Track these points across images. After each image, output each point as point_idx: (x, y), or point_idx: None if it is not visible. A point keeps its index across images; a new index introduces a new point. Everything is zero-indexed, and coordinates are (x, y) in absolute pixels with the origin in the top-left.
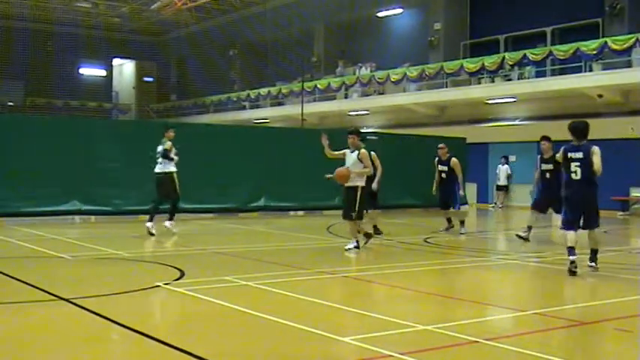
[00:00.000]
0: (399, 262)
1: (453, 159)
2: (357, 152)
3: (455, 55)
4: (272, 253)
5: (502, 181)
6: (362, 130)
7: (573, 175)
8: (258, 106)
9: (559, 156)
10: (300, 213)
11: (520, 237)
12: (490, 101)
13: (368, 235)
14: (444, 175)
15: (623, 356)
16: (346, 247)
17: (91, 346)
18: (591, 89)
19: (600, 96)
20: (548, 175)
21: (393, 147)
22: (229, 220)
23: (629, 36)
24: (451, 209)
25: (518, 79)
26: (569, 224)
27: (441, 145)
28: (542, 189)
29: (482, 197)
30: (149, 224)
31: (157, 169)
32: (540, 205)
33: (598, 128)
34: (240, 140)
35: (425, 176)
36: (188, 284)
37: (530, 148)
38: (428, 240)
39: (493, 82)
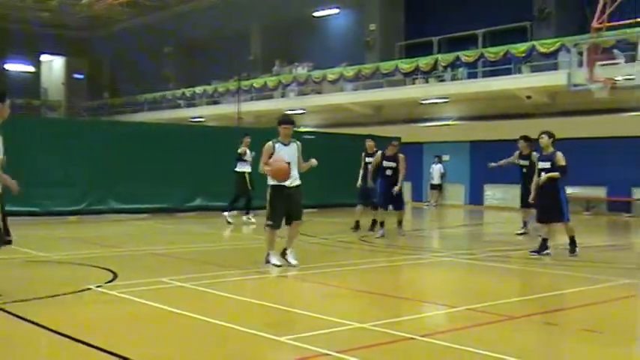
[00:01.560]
0: (335, 260)
1: (401, 155)
2: (295, 145)
3: (390, 55)
4: (209, 253)
5: (436, 180)
6: (300, 130)
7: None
8: (193, 105)
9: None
10: (236, 212)
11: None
12: (424, 101)
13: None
14: (389, 172)
15: (550, 349)
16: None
17: (17, 353)
18: (520, 90)
19: (529, 97)
20: (524, 170)
21: (330, 146)
22: (165, 220)
23: (556, 40)
24: (390, 208)
25: (452, 79)
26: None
27: (394, 143)
28: (521, 185)
29: (417, 196)
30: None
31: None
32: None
33: (526, 128)
34: (175, 139)
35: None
36: (121, 286)
37: (463, 147)
38: (364, 239)
39: (427, 82)
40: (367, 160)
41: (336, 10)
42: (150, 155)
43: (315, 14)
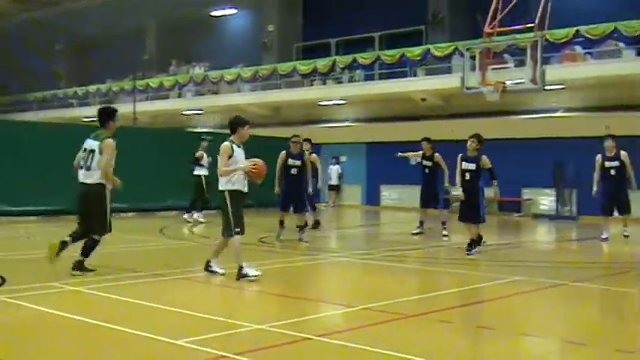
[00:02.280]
0: (233, 262)
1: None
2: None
3: (288, 57)
4: (102, 256)
5: (334, 181)
6: (197, 130)
7: (466, 176)
8: (87, 104)
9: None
10: (131, 214)
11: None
12: (322, 103)
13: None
14: (294, 170)
15: (444, 346)
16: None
17: None
18: (415, 93)
19: (424, 99)
20: (427, 171)
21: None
22: (55, 223)
23: (450, 44)
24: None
25: (349, 81)
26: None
27: (294, 140)
28: (422, 185)
29: (315, 197)
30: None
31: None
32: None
33: (421, 130)
34: (66, 139)
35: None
36: (10, 291)
37: (360, 148)
38: (263, 240)
39: (325, 84)
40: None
41: (233, 11)
42: (38, 156)
43: (213, 14)
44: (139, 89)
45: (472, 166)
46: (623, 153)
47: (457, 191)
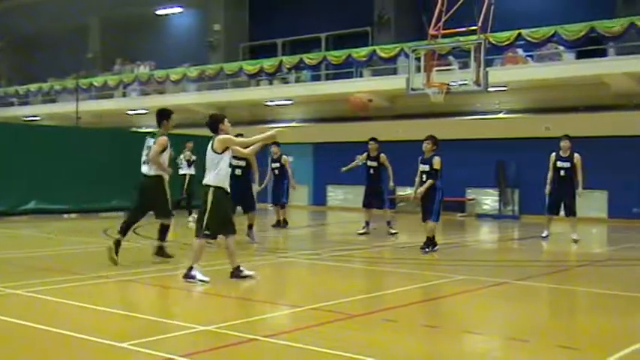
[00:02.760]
0: (179, 263)
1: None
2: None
3: (234, 56)
4: (44, 258)
5: None
6: (141, 130)
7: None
8: (27, 103)
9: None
10: (74, 215)
11: (361, 234)
12: (269, 103)
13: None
14: (238, 171)
15: (389, 345)
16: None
17: None
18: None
19: (370, 100)
20: (372, 171)
21: (174, 147)
22: None
23: (395, 45)
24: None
25: (296, 82)
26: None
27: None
28: (366, 185)
29: (262, 197)
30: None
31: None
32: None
33: (367, 131)
34: (6, 139)
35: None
36: None
37: (306, 149)
38: (208, 241)
39: (271, 84)
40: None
41: (179, 9)
42: None
43: (158, 12)
44: (82, 88)
45: (426, 167)
46: (576, 155)
47: (403, 192)
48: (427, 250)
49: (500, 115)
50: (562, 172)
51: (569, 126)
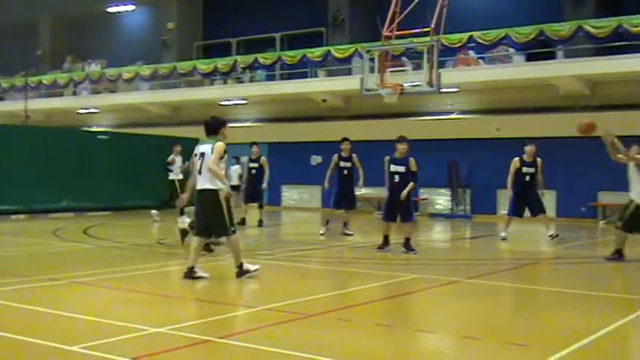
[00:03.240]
0: (131, 264)
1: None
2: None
3: (188, 55)
4: None
5: (235, 182)
6: (92, 130)
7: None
8: None
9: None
10: (22, 216)
11: (322, 234)
12: (223, 102)
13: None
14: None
15: (344, 344)
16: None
17: None
18: (316, 94)
19: (324, 100)
20: (346, 172)
21: (126, 147)
22: None
23: (350, 46)
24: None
25: (250, 81)
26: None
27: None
28: (339, 186)
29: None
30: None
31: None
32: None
33: (322, 131)
34: None
35: (160, 177)
36: None
37: (261, 149)
38: (161, 241)
39: (226, 84)
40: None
41: (131, 7)
42: None
43: (110, 10)
44: (30, 86)
45: (402, 169)
46: (539, 160)
47: (365, 190)
48: (410, 251)
49: (453, 116)
50: (527, 178)
51: (519, 127)
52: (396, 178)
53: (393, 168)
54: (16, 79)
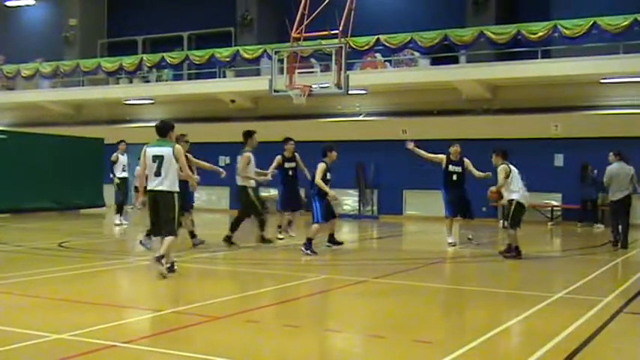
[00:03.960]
0: (30, 269)
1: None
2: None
3: (92, 53)
4: None
5: (137, 182)
6: None
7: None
8: None
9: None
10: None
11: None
12: (128, 102)
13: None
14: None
15: (250, 346)
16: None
17: None
18: (225, 94)
19: (233, 101)
20: (291, 172)
21: (25, 147)
22: None
23: (258, 46)
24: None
25: (157, 81)
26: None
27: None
28: (285, 188)
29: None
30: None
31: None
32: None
33: (230, 132)
34: None
35: (61, 177)
36: None
37: None
38: (63, 244)
39: (131, 82)
40: (287, 165)
41: (32, 2)
42: None
43: (8, 4)
44: None
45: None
46: (466, 160)
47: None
48: (305, 250)
49: (361, 118)
50: (454, 177)
51: (425, 129)
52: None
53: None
54: None
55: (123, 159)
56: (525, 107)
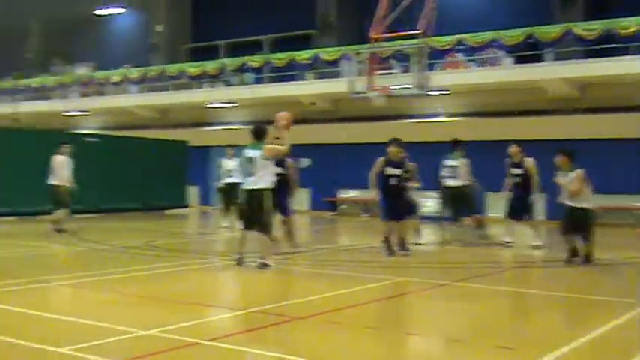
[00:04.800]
0: (118, 267)
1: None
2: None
3: (177, 58)
4: None
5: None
6: (81, 132)
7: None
8: None
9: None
10: (12, 218)
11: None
12: (211, 105)
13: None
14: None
15: (331, 347)
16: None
17: None
18: (305, 97)
19: (313, 103)
20: (395, 181)
21: (114, 150)
22: None
23: (338, 48)
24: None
25: (239, 84)
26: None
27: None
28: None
29: (204, 200)
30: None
31: None
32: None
33: (310, 134)
34: None
35: (147, 179)
36: None
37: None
38: (150, 243)
39: (214, 86)
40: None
41: (121, 10)
42: None
43: (98, 12)
44: (19, 89)
45: (397, 172)
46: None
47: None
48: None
49: (441, 119)
50: (517, 180)
51: (508, 129)
52: (393, 180)
53: (390, 171)
54: (5, 82)
55: (228, 164)
56: (616, 106)
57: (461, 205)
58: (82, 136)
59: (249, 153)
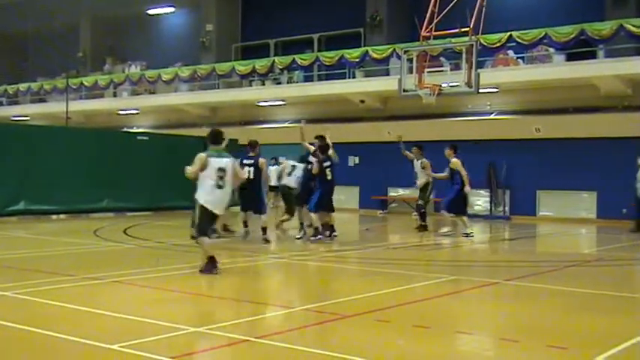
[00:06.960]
0: (170, 264)
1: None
2: None
3: (226, 56)
4: (33, 259)
5: (273, 182)
6: (132, 131)
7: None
8: (16, 103)
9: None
10: (64, 216)
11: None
12: (261, 103)
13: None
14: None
15: (381, 346)
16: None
17: None
18: (354, 95)
19: (362, 101)
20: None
21: (164, 147)
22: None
23: (388, 46)
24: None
25: (288, 82)
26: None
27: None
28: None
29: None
30: None
31: None
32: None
33: (359, 132)
34: None
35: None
36: None
37: (299, 149)
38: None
39: (264, 84)
40: None
41: (171, 9)
42: None
43: (150, 12)
44: (72, 88)
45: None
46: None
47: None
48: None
49: (492, 117)
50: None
51: (559, 127)
52: None
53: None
54: (58, 81)
55: (272, 169)
56: None
57: None
58: (134, 134)
59: (220, 163)
